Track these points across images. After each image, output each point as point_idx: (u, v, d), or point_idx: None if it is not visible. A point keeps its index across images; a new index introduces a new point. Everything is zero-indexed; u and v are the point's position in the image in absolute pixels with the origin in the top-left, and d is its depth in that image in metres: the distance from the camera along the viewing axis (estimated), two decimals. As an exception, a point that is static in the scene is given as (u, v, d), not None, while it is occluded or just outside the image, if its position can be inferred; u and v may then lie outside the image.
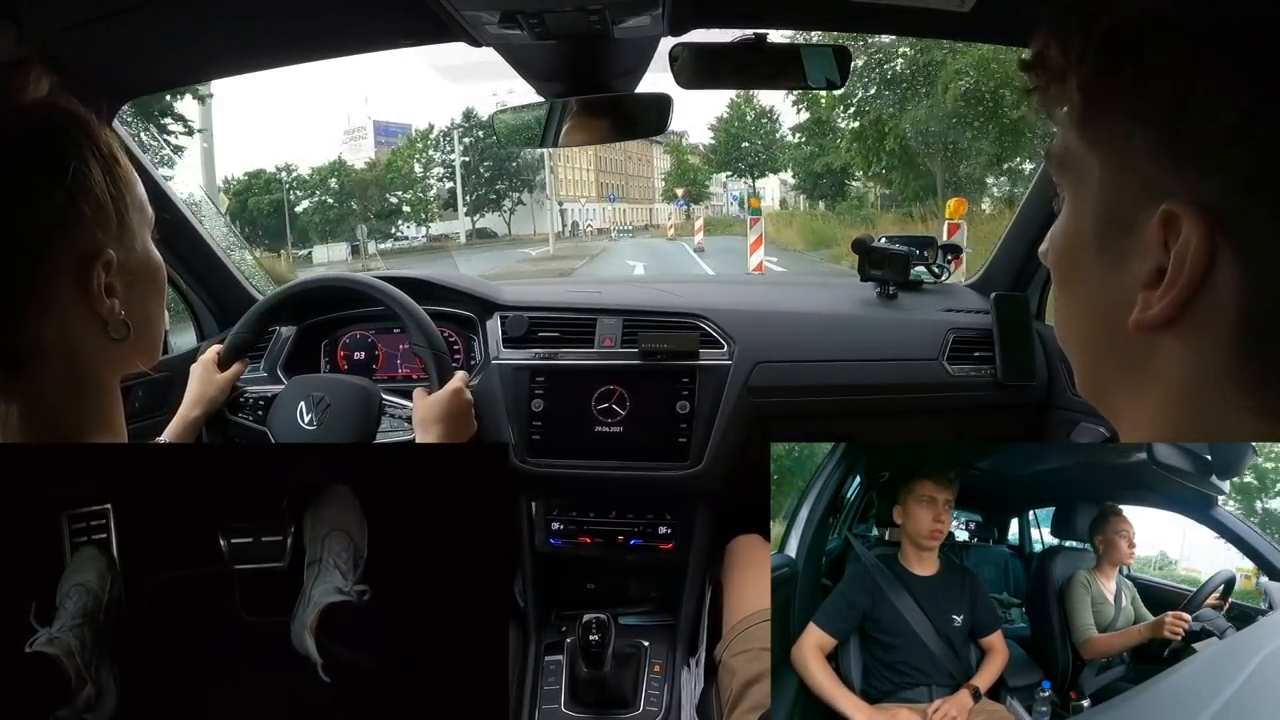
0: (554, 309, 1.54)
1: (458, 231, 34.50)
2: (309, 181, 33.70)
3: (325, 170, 33.85)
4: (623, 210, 43.50)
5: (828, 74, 1.20)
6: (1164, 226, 0.35)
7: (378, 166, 35.07)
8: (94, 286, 0.58)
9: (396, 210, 34.75)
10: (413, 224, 35.31)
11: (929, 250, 1.66)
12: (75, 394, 0.59)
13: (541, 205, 35.90)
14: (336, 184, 33.62)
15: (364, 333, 1.56)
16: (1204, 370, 0.36)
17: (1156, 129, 0.35)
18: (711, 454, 1.45)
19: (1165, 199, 0.35)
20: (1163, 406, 0.38)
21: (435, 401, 1.18)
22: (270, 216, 31.82)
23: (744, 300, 1.60)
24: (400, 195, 35.31)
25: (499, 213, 36.56)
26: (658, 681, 1.43)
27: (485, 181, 35.90)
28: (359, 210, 33.03)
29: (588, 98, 1.27)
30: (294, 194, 33.22)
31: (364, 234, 29.05)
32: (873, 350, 1.52)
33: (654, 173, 46.83)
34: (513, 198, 36.76)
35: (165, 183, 1.45)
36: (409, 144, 35.99)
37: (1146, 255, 0.36)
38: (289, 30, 1.15)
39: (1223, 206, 0.33)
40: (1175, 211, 0.34)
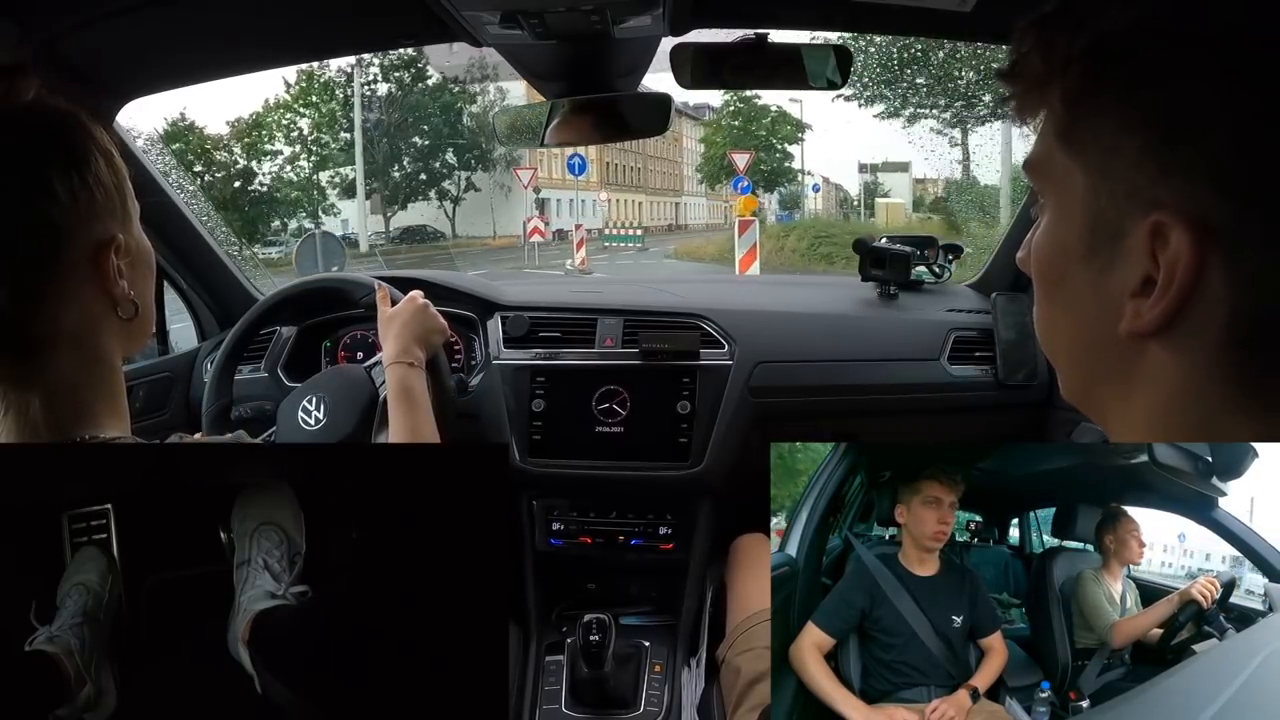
0: (555, 309, 1.54)
1: (355, 235, 20.82)
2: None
3: (169, 133, 19.26)
4: (637, 204, 29.96)
5: (829, 74, 1.20)
6: (1153, 236, 0.35)
7: (241, 127, 20.89)
8: (110, 270, 0.62)
9: (266, 199, 21.20)
10: (302, 220, 21.60)
11: (930, 250, 1.66)
12: (90, 374, 0.63)
13: (508, 192, 23.36)
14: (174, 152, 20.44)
15: (364, 332, 1.56)
16: (1191, 376, 0.36)
17: (1144, 140, 0.35)
18: (712, 454, 1.45)
19: (1154, 209, 0.35)
20: (1151, 410, 0.38)
21: (395, 309, 1.13)
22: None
23: (745, 300, 1.60)
24: (273, 175, 21.52)
25: (439, 202, 23.23)
26: (658, 682, 1.43)
27: (418, 153, 22.85)
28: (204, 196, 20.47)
29: (588, 97, 1.27)
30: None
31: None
32: (873, 350, 1.52)
33: (684, 156, 32.70)
34: (459, 179, 23.19)
35: (165, 181, 1.45)
36: (300, 92, 21.31)
37: (1134, 264, 0.36)
38: (289, 30, 1.16)
39: (1212, 217, 0.33)
40: (1165, 222, 0.34)
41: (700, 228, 30.35)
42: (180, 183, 1.56)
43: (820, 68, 1.19)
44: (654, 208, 31.60)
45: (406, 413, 1.02)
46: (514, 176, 20.69)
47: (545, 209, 24.52)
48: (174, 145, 18.79)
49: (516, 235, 20.99)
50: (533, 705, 1.40)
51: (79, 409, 0.62)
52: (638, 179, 30.82)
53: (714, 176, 27.43)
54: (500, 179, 23.31)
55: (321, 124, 21.95)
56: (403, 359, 1.06)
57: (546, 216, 21.58)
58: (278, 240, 20.17)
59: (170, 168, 1.55)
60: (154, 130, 1.78)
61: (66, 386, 0.61)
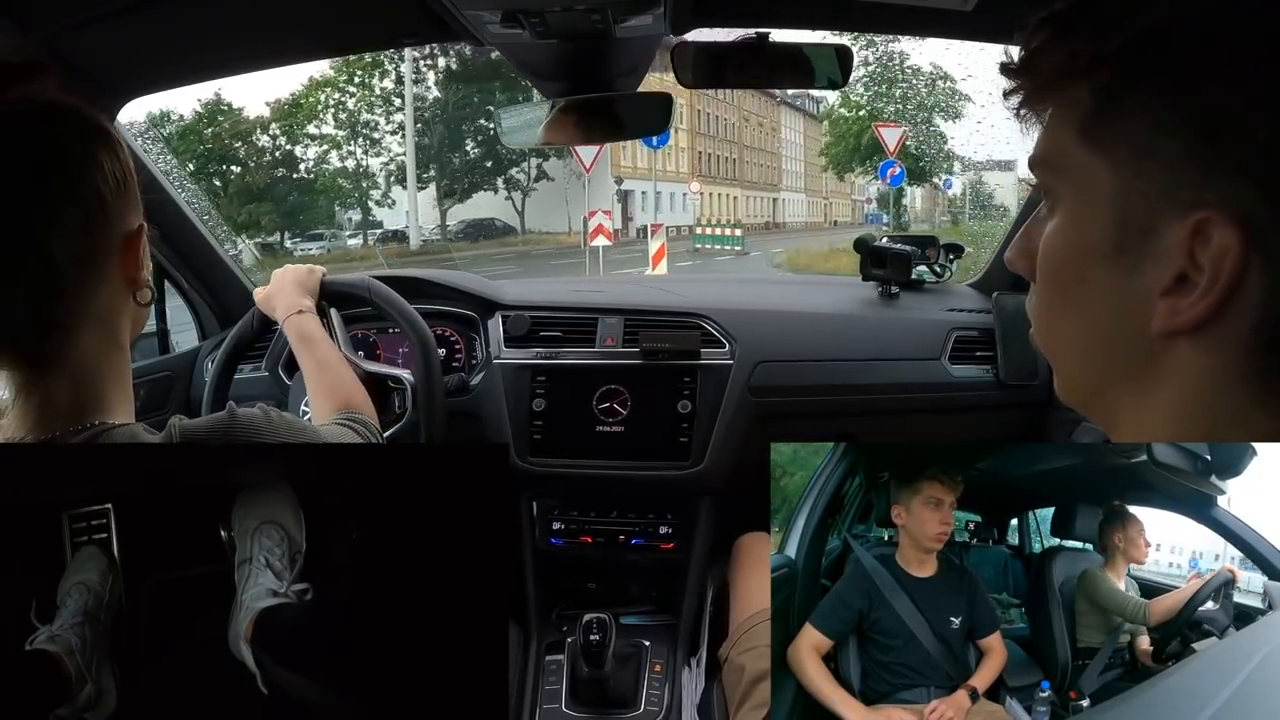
0: (555, 308, 1.54)
1: (406, 229, 18.30)
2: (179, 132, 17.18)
3: (195, 121, 17.33)
4: (731, 199, 25.08)
5: (830, 73, 1.20)
6: (1194, 235, 0.35)
7: (280, 109, 18.23)
8: (140, 256, 0.67)
9: (310, 186, 18.64)
10: (350, 210, 19.22)
11: (930, 250, 1.66)
12: (107, 357, 0.66)
13: (586, 181, 17.35)
14: (205, 140, 17.74)
15: (364, 331, 1.56)
16: (1217, 372, 0.36)
17: (1187, 140, 0.35)
18: (713, 453, 1.45)
19: (1195, 208, 0.35)
20: (1168, 407, 0.38)
21: (268, 286, 1.23)
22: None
23: (745, 300, 1.60)
24: (316, 161, 18.85)
25: (507, 193, 19.62)
26: (658, 681, 1.43)
27: (483, 136, 18.59)
28: (235, 188, 17.74)
29: (589, 97, 1.27)
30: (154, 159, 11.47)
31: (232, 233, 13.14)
32: (874, 350, 1.52)
33: (782, 147, 28.29)
34: (529, 166, 19.56)
35: (166, 181, 1.46)
36: (344, 65, 17.85)
37: (1168, 262, 0.36)
38: (290, 30, 1.16)
39: (1257, 216, 0.34)
40: (1209, 219, 0.34)
41: (799, 227, 27.02)
42: (181, 181, 1.56)
43: (821, 67, 1.19)
44: (749, 203, 26.57)
45: (310, 353, 1.10)
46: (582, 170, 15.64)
47: (629, 203, 21.02)
48: (209, 129, 17.80)
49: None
50: (533, 705, 1.40)
51: (96, 392, 0.65)
52: (733, 171, 25.84)
53: (844, 162, 22.05)
54: (577, 167, 18.30)
55: (373, 103, 19.08)
56: (292, 310, 1.15)
57: (613, 212, 17.33)
58: (320, 234, 18.54)
59: (171, 167, 1.55)
60: (153, 129, 1.77)
61: (86, 369, 0.64)
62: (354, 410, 0.98)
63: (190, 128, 17.75)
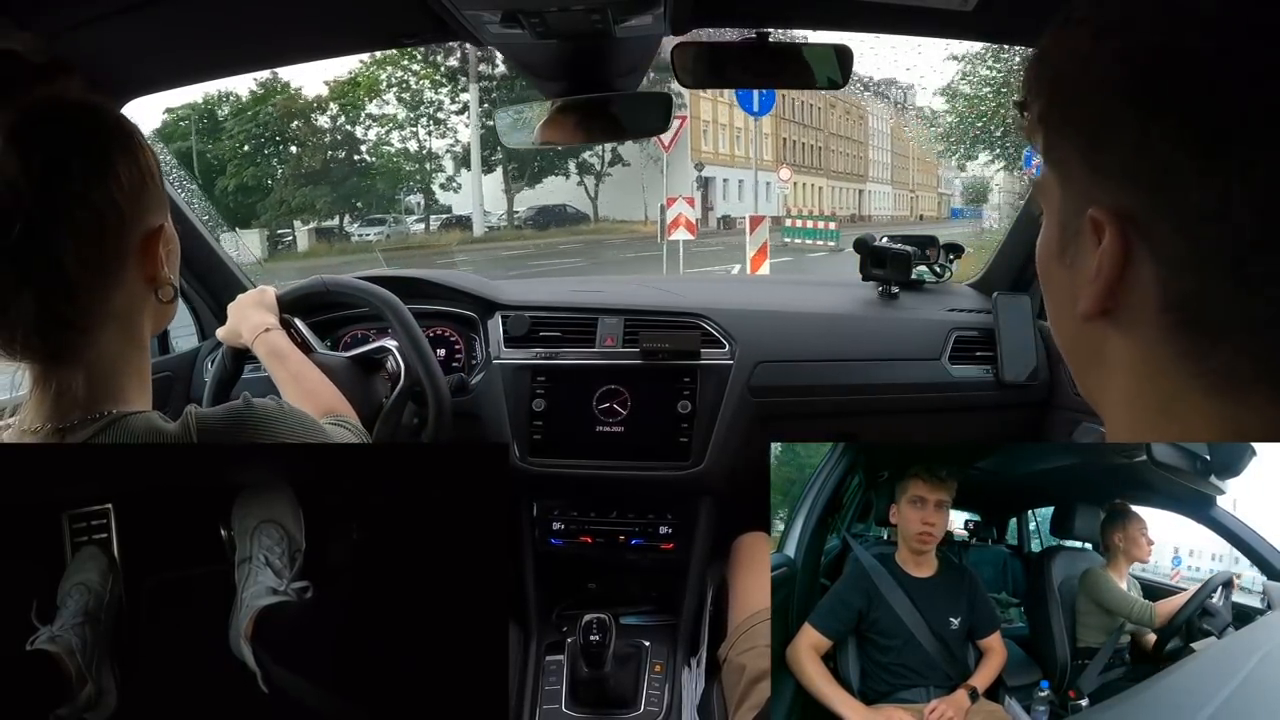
0: (555, 308, 1.54)
1: (469, 215, 17.13)
2: (237, 113, 16.84)
3: (251, 101, 16.55)
4: (817, 189, 23.21)
5: (829, 73, 1.20)
6: (1094, 230, 0.40)
7: (338, 87, 17.32)
8: (159, 255, 0.67)
9: (369, 168, 17.76)
10: (412, 194, 18.17)
11: (930, 250, 1.66)
12: (127, 352, 0.68)
13: (664, 166, 16.83)
14: (260, 121, 16.82)
15: (364, 332, 1.56)
16: (1147, 354, 0.40)
17: (1082, 147, 0.41)
18: (713, 454, 1.45)
19: (1090, 206, 0.40)
20: (1123, 391, 0.42)
21: (231, 307, 1.24)
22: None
23: (745, 300, 1.60)
24: (376, 141, 17.85)
25: (579, 177, 18.20)
26: (658, 681, 1.43)
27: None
28: (290, 169, 16.75)
29: (589, 96, 1.27)
30: (206, 141, 17.30)
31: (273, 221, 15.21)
32: (874, 350, 1.52)
33: (870, 135, 27.17)
34: (603, 149, 17.96)
35: (166, 180, 1.45)
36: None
37: (1087, 255, 0.41)
38: (289, 30, 1.16)
39: (1134, 209, 0.39)
40: (1097, 216, 0.40)
41: (884, 220, 26.11)
42: (181, 180, 1.56)
43: (822, 67, 1.20)
44: (836, 194, 24.90)
45: (282, 367, 1.11)
46: (658, 152, 14.55)
47: (709, 191, 18.91)
48: (259, 107, 16.73)
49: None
50: (533, 705, 1.40)
51: (115, 386, 0.66)
52: (819, 160, 24.60)
53: (968, 149, 17.96)
54: (654, 150, 17.07)
55: (437, 81, 18.13)
56: (258, 331, 1.16)
57: (694, 200, 13.44)
58: (382, 219, 17.42)
59: (171, 166, 1.55)
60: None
61: (107, 364, 0.66)
62: (337, 415, 0.98)
63: (244, 107, 17.30)
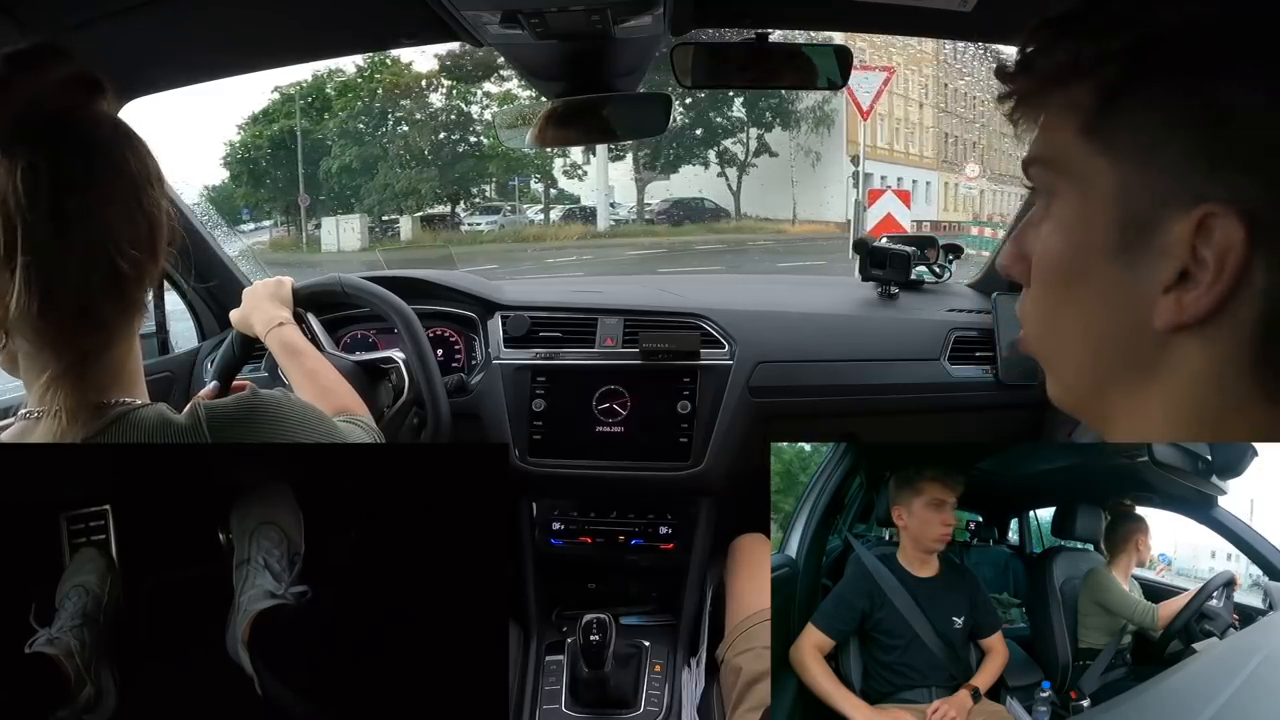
0: (555, 309, 1.54)
1: (593, 207, 15.16)
2: (343, 91, 15.20)
3: (357, 77, 14.93)
4: (978, 193, 18.29)
5: (829, 74, 1.20)
6: (1197, 229, 0.36)
7: (451, 61, 15.45)
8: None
9: (481, 150, 15.69)
10: (531, 182, 15.90)
11: (930, 250, 1.66)
12: (130, 344, 0.69)
13: (815, 160, 14.96)
14: (367, 94, 15.31)
15: (364, 332, 1.56)
16: (1219, 365, 0.37)
17: (1192, 136, 0.36)
18: (712, 454, 1.45)
19: (1200, 203, 0.35)
20: (1169, 404, 0.39)
21: (244, 300, 1.23)
22: (276, 163, 15.20)
23: (745, 300, 1.60)
24: (488, 122, 15.92)
25: (720, 168, 15.93)
26: (658, 681, 1.43)
27: (689, 101, 14.78)
28: (394, 149, 15.27)
29: (589, 97, 1.27)
30: (314, 120, 15.73)
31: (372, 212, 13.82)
32: (874, 350, 1.52)
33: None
34: (748, 138, 16.11)
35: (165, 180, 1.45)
36: None
37: (1170, 258, 0.36)
38: (290, 30, 1.16)
39: (1260, 209, 0.34)
40: (1214, 214, 0.35)
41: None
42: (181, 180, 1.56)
43: (822, 67, 1.20)
44: (994, 199, 20.31)
45: (296, 363, 1.09)
46: (828, 135, 12.27)
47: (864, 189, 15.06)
48: (366, 85, 15.08)
49: (825, 221, 13.92)
50: (533, 705, 1.40)
51: (122, 378, 0.67)
52: (983, 158, 20.11)
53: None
54: (807, 141, 15.35)
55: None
56: (271, 324, 1.15)
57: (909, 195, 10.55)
58: (498, 207, 15.59)
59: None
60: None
61: (114, 356, 0.67)
62: (351, 413, 0.97)
63: (350, 83, 15.60)
